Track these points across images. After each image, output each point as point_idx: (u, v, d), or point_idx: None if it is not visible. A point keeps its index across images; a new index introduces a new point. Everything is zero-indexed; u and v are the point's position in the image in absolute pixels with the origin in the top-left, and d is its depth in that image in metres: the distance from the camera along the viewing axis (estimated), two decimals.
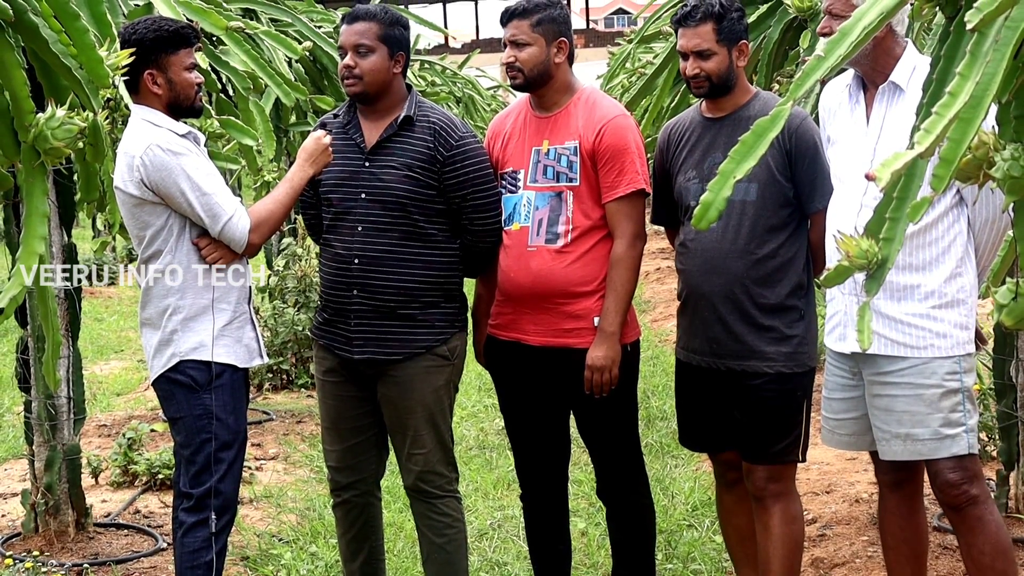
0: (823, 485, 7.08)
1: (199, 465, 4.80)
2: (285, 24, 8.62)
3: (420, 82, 15.56)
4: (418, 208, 4.93)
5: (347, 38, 4.93)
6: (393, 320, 4.97)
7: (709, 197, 2.61)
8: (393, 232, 4.93)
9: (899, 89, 4.45)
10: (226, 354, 4.83)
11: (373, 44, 4.90)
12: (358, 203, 4.97)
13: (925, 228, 4.40)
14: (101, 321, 14.93)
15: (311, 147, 4.94)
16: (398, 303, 4.95)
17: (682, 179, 4.97)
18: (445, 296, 5.05)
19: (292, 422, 9.33)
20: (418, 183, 4.91)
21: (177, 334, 4.78)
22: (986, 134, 2.46)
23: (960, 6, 2.68)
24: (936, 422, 4.43)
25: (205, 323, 4.79)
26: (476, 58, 23.37)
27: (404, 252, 4.94)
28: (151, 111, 4.74)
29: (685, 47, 4.84)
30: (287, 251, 11.02)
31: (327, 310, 5.13)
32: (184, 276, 4.77)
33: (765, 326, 4.81)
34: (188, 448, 4.83)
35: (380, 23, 4.93)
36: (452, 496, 5.13)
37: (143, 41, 4.65)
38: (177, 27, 4.77)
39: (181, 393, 4.81)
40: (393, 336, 4.98)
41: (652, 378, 10.35)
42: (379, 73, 4.92)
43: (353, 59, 4.90)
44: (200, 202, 4.64)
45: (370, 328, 4.99)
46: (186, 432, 4.83)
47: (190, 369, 4.79)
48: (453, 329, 5.07)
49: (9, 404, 10.17)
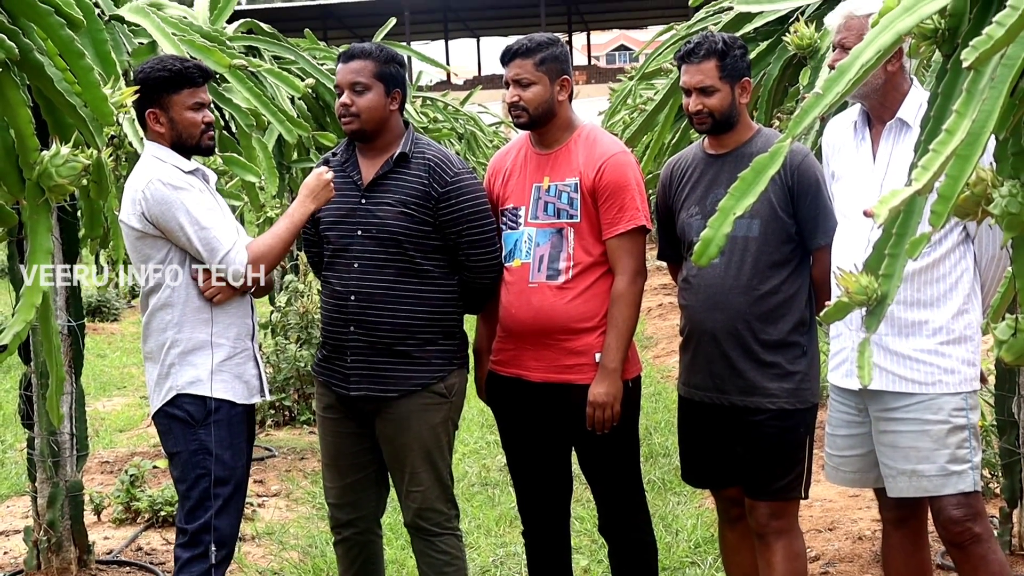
0: (826, 522, 7.07)
1: (194, 500, 4.80)
2: (288, 62, 8.66)
3: (422, 118, 15.61)
4: (414, 244, 4.94)
5: (343, 76, 4.96)
6: (389, 357, 4.97)
7: (709, 233, 2.63)
8: (389, 269, 4.95)
9: (906, 125, 4.46)
10: (223, 389, 4.83)
11: (369, 82, 4.92)
12: (355, 240, 4.99)
13: (932, 264, 4.41)
14: (104, 357, 14.94)
15: (313, 183, 4.96)
16: (394, 339, 4.96)
17: (684, 215, 4.99)
18: (443, 333, 5.05)
19: (294, 459, 9.33)
20: (413, 219, 4.92)
21: (175, 367, 4.79)
22: (984, 170, 2.47)
23: (957, 44, 2.71)
24: (943, 458, 4.42)
25: (203, 357, 4.80)
26: (478, 94, 23.44)
27: (400, 289, 4.95)
28: (160, 148, 4.78)
29: (688, 83, 4.86)
30: (289, 287, 11.04)
31: (326, 346, 5.14)
32: (183, 310, 4.78)
33: (768, 362, 4.82)
34: (184, 483, 4.83)
35: (375, 61, 4.95)
36: (451, 534, 5.12)
37: (147, 80, 4.70)
38: (180, 67, 4.79)
39: (178, 428, 4.81)
40: (389, 373, 4.98)
41: (654, 414, 10.34)
42: (375, 111, 4.94)
43: (350, 97, 4.93)
44: (198, 236, 4.66)
45: (366, 365, 4.99)
46: (182, 467, 4.83)
47: (186, 404, 4.79)
48: (451, 367, 5.07)
49: (12, 440, 10.17)
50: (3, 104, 3.95)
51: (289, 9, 51.89)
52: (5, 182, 4.14)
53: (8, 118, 3.99)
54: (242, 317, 4.92)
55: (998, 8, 2.53)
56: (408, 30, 45.42)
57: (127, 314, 19.00)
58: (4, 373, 13.10)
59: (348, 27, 49.98)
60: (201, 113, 4.83)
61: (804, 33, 5.75)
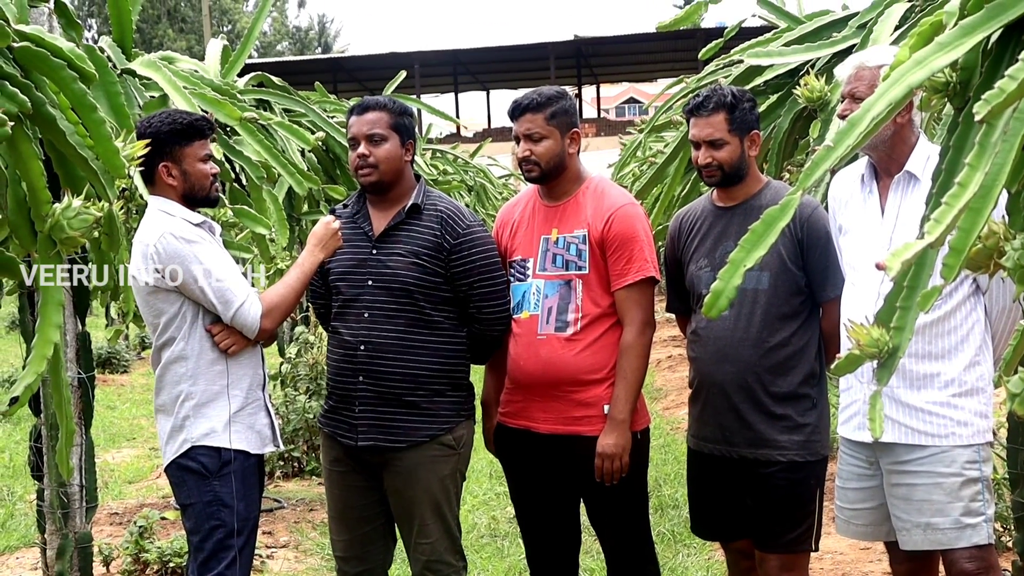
0: (837, 575, 7.03)
1: (207, 552, 4.78)
2: (298, 115, 8.69)
3: (432, 171, 15.63)
4: (424, 295, 4.94)
5: (359, 128, 4.97)
6: (398, 407, 4.97)
7: (720, 286, 2.62)
8: (399, 319, 4.95)
9: (914, 178, 4.46)
10: (238, 440, 4.83)
11: (386, 133, 4.94)
12: (365, 290, 4.99)
13: (944, 317, 4.40)
14: (114, 409, 14.93)
15: (321, 232, 4.99)
16: (404, 390, 4.95)
17: (694, 267, 4.99)
18: (451, 384, 5.04)
19: (303, 510, 9.30)
20: (425, 270, 4.93)
21: (189, 420, 4.79)
22: (996, 224, 2.47)
23: (968, 98, 2.71)
24: (957, 511, 4.40)
25: (218, 409, 4.80)
26: (487, 147, 23.49)
27: (410, 339, 4.95)
28: (166, 201, 4.79)
29: (697, 136, 4.87)
30: (299, 339, 11.03)
31: (332, 397, 5.14)
32: (197, 362, 4.79)
33: (778, 415, 4.81)
34: (197, 535, 4.82)
35: (391, 112, 4.98)
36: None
37: (158, 134, 4.72)
38: (191, 120, 4.82)
39: (192, 480, 4.80)
40: (397, 424, 4.97)
41: (664, 466, 10.31)
42: (393, 161, 4.96)
43: (367, 148, 4.94)
44: (212, 288, 4.68)
45: (374, 415, 4.99)
46: (195, 519, 4.82)
47: (201, 456, 4.79)
48: (459, 418, 5.06)
49: (22, 492, 10.15)
50: (15, 157, 3.96)
51: (299, 62, 52.12)
52: (17, 235, 4.15)
53: (20, 171, 4.01)
54: (254, 368, 4.93)
55: (1010, 62, 2.54)
56: (418, 83, 45.55)
57: (137, 366, 19.01)
58: (14, 425, 13.10)
59: (358, 80, 50.11)
60: (209, 164, 4.86)
61: (814, 86, 5.77)
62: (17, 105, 3.80)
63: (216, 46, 7.78)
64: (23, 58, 3.95)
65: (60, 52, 4.05)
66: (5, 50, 3.90)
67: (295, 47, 74.72)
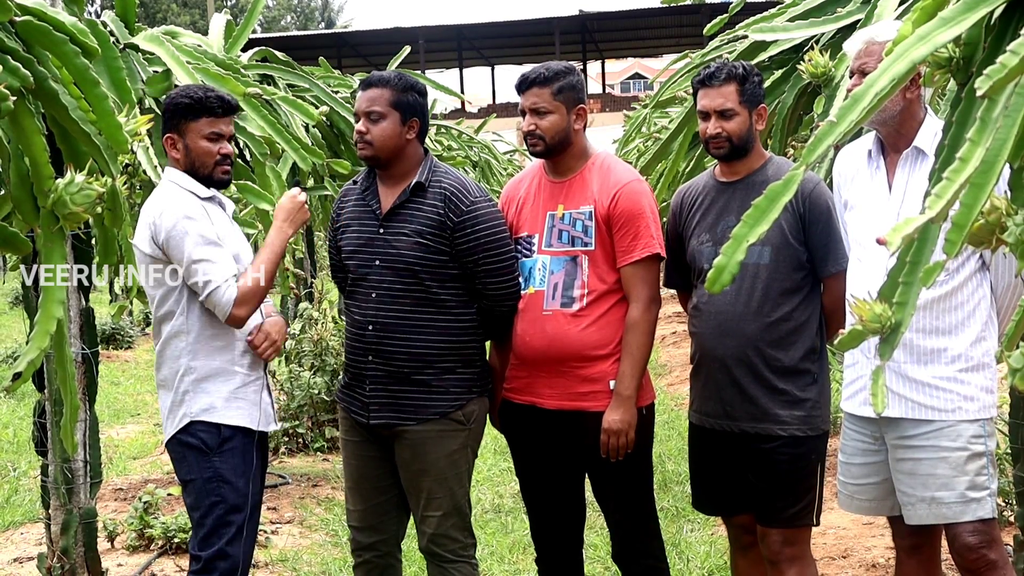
0: (839, 550, 7.05)
1: (208, 528, 4.80)
2: (302, 90, 8.67)
3: (437, 147, 15.62)
4: (430, 274, 4.94)
5: (360, 104, 4.98)
6: (408, 385, 4.98)
7: (722, 261, 2.62)
8: (406, 299, 4.95)
9: (922, 154, 4.45)
10: (237, 416, 4.84)
11: (384, 110, 4.94)
12: (372, 270, 5.00)
13: (950, 292, 4.40)
14: (118, 385, 14.96)
15: (289, 206, 5.00)
16: (412, 368, 4.96)
17: (695, 242, 4.99)
18: (462, 362, 5.04)
19: (308, 486, 9.32)
20: (429, 249, 4.93)
21: (189, 395, 4.80)
22: (998, 199, 2.46)
23: (971, 73, 2.70)
24: (962, 485, 4.41)
25: (217, 384, 4.81)
26: (492, 123, 23.43)
27: (418, 318, 4.95)
28: (178, 173, 4.82)
29: (708, 107, 4.86)
30: (303, 315, 11.03)
31: (347, 374, 5.16)
32: (198, 337, 4.79)
33: (779, 389, 4.81)
34: (197, 511, 4.83)
35: (393, 89, 4.96)
36: (466, 562, 5.11)
37: (168, 106, 4.74)
38: (202, 95, 4.82)
39: (192, 455, 4.81)
40: (407, 401, 4.98)
41: (668, 442, 10.32)
42: (389, 139, 4.95)
43: (365, 125, 4.95)
44: (193, 267, 4.68)
45: (385, 393, 5.00)
46: (196, 494, 4.83)
47: (200, 431, 4.80)
48: (471, 395, 5.06)
49: (26, 468, 10.17)
50: (18, 132, 3.96)
51: (303, 37, 52.08)
52: (20, 210, 4.15)
53: (23, 146, 4.00)
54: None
55: (1013, 37, 2.53)
56: (423, 58, 45.56)
57: (141, 342, 19.02)
58: (18, 400, 13.12)
59: (362, 55, 50.08)
60: (218, 144, 4.84)
61: (819, 61, 5.75)
62: (19, 80, 3.79)
63: (220, 21, 7.76)
64: (25, 32, 3.95)
65: (62, 26, 4.04)
66: (7, 24, 3.90)
67: (299, 22, 74.61)
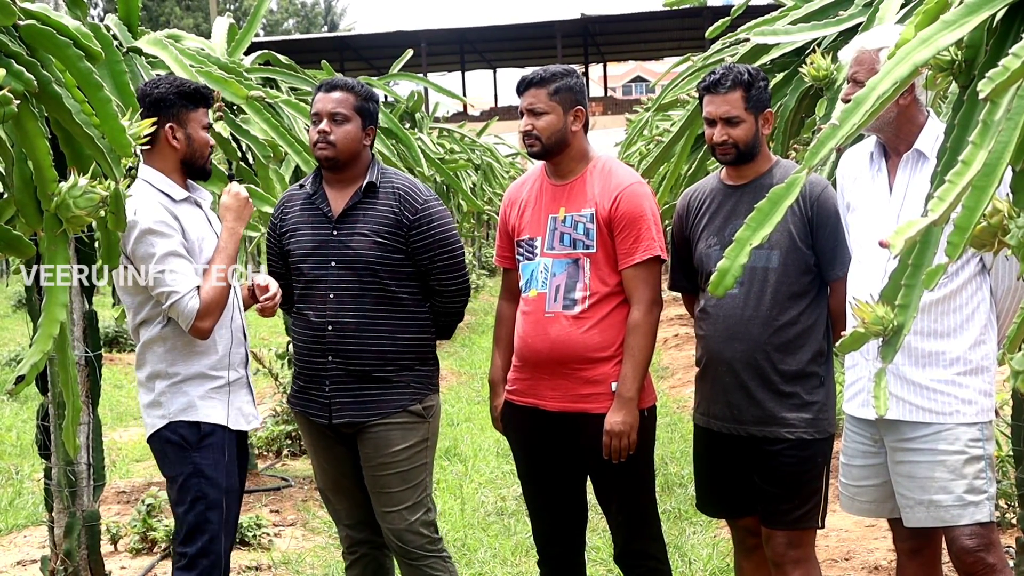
0: (842, 552, 7.05)
1: (191, 524, 4.81)
2: (305, 93, 8.67)
3: (439, 149, 15.63)
4: (388, 272, 5.02)
5: (323, 105, 5.04)
6: (369, 383, 5.06)
7: (726, 264, 2.63)
8: (365, 298, 5.02)
9: (923, 157, 4.44)
10: (216, 415, 4.85)
11: (349, 114, 5.02)
12: (328, 271, 5.06)
13: (950, 295, 4.40)
14: (121, 388, 14.95)
15: (235, 204, 4.94)
16: (373, 367, 5.05)
17: (702, 246, 4.99)
18: (419, 359, 5.14)
19: (310, 488, 9.30)
20: (386, 248, 5.01)
21: (166, 396, 4.83)
22: (1000, 202, 2.46)
23: (973, 76, 2.71)
24: (960, 488, 4.41)
25: (194, 386, 4.82)
26: (494, 126, 23.48)
27: (377, 317, 5.03)
28: (155, 172, 4.78)
29: (713, 114, 4.86)
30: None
31: (301, 377, 5.20)
32: (174, 343, 4.80)
33: (786, 392, 4.82)
34: (181, 506, 4.85)
35: (357, 95, 5.06)
36: (437, 556, 5.16)
37: (166, 96, 4.74)
38: (198, 85, 4.88)
39: (172, 452, 4.85)
40: (369, 399, 5.06)
41: (670, 444, 10.32)
42: (352, 142, 5.03)
43: (329, 126, 5.01)
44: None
45: (346, 392, 5.06)
46: (178, 490, 4.85)
47: (181, 428, 4.82)
48: (428, 390, 5.16)
49: (29, 471, 10.18)
50: (21, 136, 3.96)
51: (306, 41, 52.12)
52: (23, 213, 4.15)
53: (26, 150, 4.01)
54: (235, 347, 4.93)
55: (1015, 40, 2.54)
56: (425, 61, 45.54)
57: None
58: (21, 403, 13.12)
59: (365, 59, 50.11)
60: (207, 134, 4.89)
61: (820, 64, 5.76)
62: (23, 83, 3.80)
63: (223, 24, 7.78)
64: (29, 36, 3.95)
65: (66, 30, 4.04)
66: (11, 28, 3.90)
67: (302, 25, 74.70)
